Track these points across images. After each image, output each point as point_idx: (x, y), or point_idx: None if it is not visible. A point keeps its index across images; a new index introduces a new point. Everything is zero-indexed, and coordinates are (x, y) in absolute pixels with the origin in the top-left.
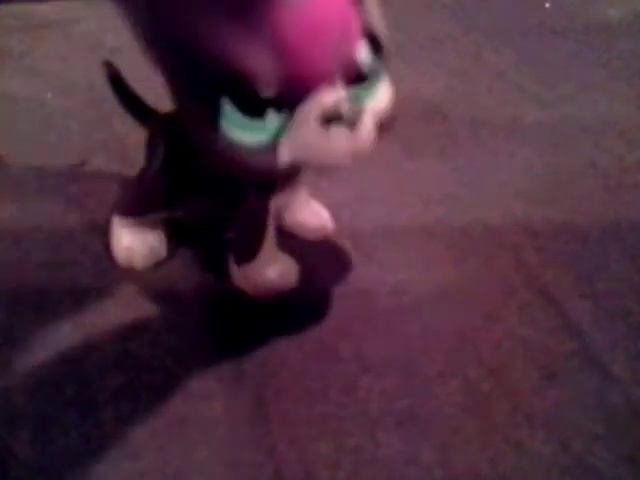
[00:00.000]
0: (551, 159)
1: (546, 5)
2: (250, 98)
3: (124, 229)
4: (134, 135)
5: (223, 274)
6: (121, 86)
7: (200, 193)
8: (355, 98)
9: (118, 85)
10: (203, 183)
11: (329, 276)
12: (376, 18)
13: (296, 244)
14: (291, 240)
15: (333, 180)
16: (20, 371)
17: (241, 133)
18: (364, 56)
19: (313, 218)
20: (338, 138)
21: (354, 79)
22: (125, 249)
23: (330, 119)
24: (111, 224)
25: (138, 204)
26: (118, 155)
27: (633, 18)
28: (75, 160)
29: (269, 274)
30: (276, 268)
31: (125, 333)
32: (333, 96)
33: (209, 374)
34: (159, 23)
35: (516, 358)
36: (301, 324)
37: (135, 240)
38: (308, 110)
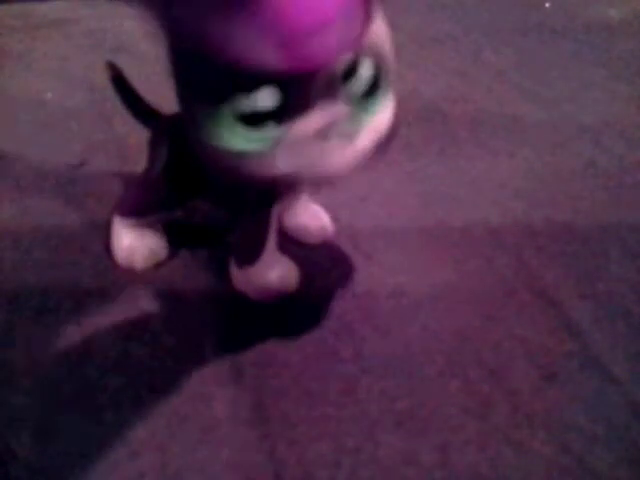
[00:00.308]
0: (551, 159)
1: (546, 5)
2: (250, 109)
3: (125, 229)
4: (134, 135)
5: (224, 275)
6: (124, 87)
7: (202, 195)
8: (355, 113)
9: (121, 86)
10: (205, 186)
11: (329, 277)
12: (384, 41)
13: (296, 245)
14: (291, 242)
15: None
16: (20, 371)
17: (238, 141)
18: (366, 71)
19: (313, 220)
20: (334, 151)
21: (356, 94)
22: (125, 249)
23: (327, 132)
24: (112, 224)
25: (139, 205)
26: (118, 155)
27: (633, 18)
28: (75, 160)
29: (270, 277)
30: (277, 271)
31: (125, 333)
32: (333, 110)
33: (209, 375)
34: (165, 20)
35: (516, 358)
36: (301, 325)
37: (135, 240)
38: (306, 121)
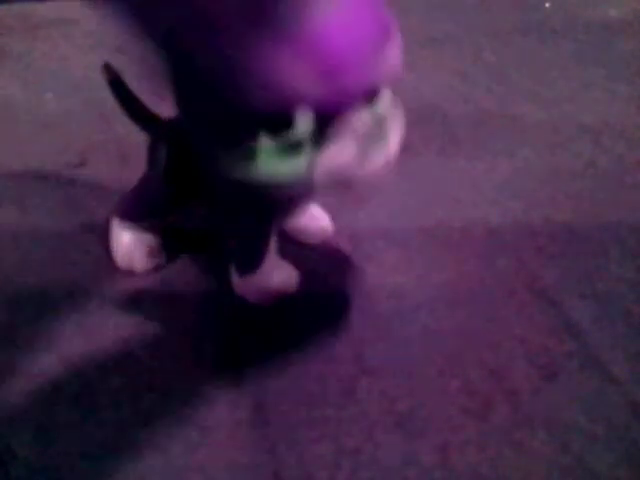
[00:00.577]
0: (551, 159)
1: (546, 5)
2: (287, 131)
3: (124, 232)
4: (134, 136)
5: (223, 277)
6: (122, 89)
7: (200, 199)
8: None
9: (118, 88)
10: (204, 190)
11: (329, 277)
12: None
13: (296, 246)
14: (291, 242)
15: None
16: (21, 372)
17: (279, 165)
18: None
19: (313, 221)
20: (374, 153)
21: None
22: (125, 252)
23: (364, 136)
24: (111, 227)
25: (139, 208)
26: (118, 156)
27: (633, 18)
28: (75, 160)
29: (270, 283)
30: (277, 276)
31: (125, 335)
32: (366, 114)
33: (209, 376)
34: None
35: (516, 358)
36: (300, 326)
37: (135, 244)
38: (344, 129)
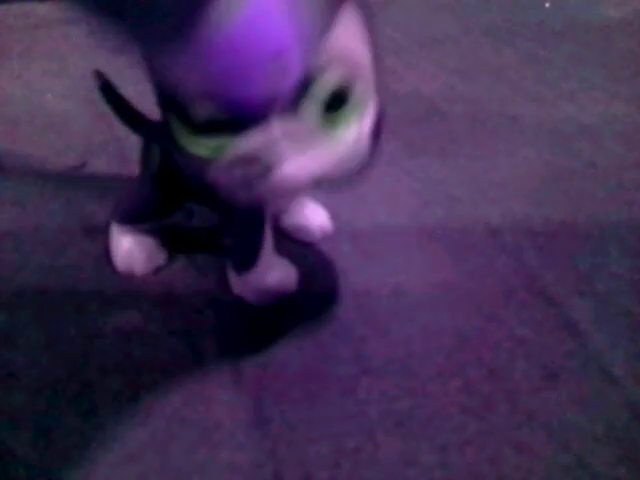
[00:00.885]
0: (551, 159)
1: (546, 5)
2: (193, 116)
3: (123, 235)
4: (134, 136)
5: (223, 277)
6: (112, 95)
7: (196, 199)
8: (316, 129)
9: (109, 94)
10: (196, 190)
11: (328, 277)
12: (353, 50)
13: (294, 244)
14: (289, 241)
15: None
16: (21, 373)
17: (197, 148)
18: (326, 84)
19: (311, 219)
20: (284, 166)
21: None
22: (124, 255)
23: (277, 146)
24: (110, 231)
25: (135, 211)
26: (118, 156)
27: (633, 18)
28: (75, 162)
29: (268, 281)
30: (275, 274)
31: (125, 336)
32: (287, 124)
33: (209, 376)
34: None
35: (516, 358)
36: (300, 325)
37: (134, 246)
38: (259, 134)
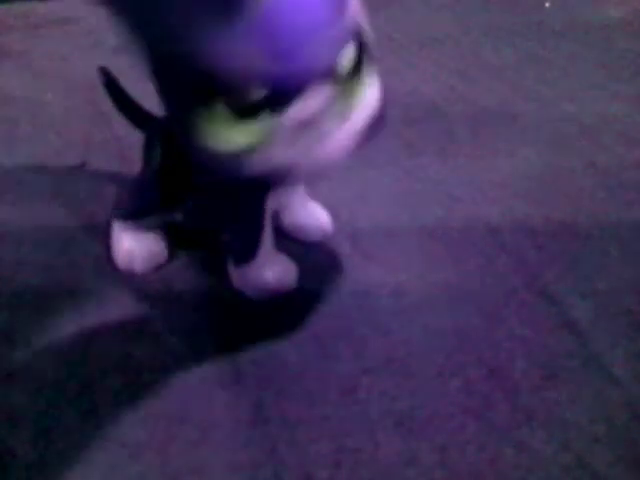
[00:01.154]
0: (551, 159)
1: (546, 5)
2: (242, 99)
3: (124, 232)
4: (134, 135)
5: (222, 276)
6: (117, 91)
7: (197, 195)
8: (344, 92)
9: (114, 90)
10: (199, 185)
11: (328, 276)
12: (360, 18)
13: (295, 244)
14: (289, 240)
15: (333, 179)
16: (21, 372)
17: (234, 137)
18: (349, 52)
19: (312, 218)
20: (329, 132)
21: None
22: (125, 253)
23: (320, 115)
24: (111, 227)
25: (136, 208)
26: (118, 156)
27: (633, 18)
28: (75, 161)
29: (267, 275)
30: (274, 269)
31: (125, 334)
32: (322, 93)
33: (209, 375)
34: (143, 26)
35: (516, 358)
36: (300, 325)
37: (135, 244)
38: (299, 108)
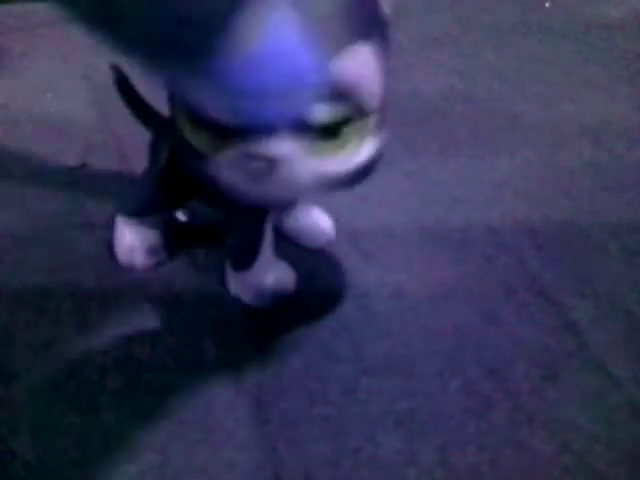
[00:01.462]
0: (551, 159)
1: (546, 5)
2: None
3: (126, 228)
4: (134, 136)
5: (222, 276)
6: (128, 90)
7: (200, 196)
8: (316, 148)
9: (125, 89)
10: (201, 187)
11: (328, 277)
12: (363, 78)
13: (295, 245)
14: (291, 243)
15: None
16: (20, 371)
17: (194, 139)
18: (331, 111)
19: (315, 224)
20: (281, 179)
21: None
22: (127, 248)
23: (235, 165)
24: (114, 224)
25: (140, 205)
26: (118, 156)
27: (633, 18)
28: (75, 162)
29: (265, 282)
30: (272, 276)
31: (125, 335)
32: (257, 145)
33: (209, 375)
34: None
35: (516, 358)
36: (300, 325)
37: (137, 239)
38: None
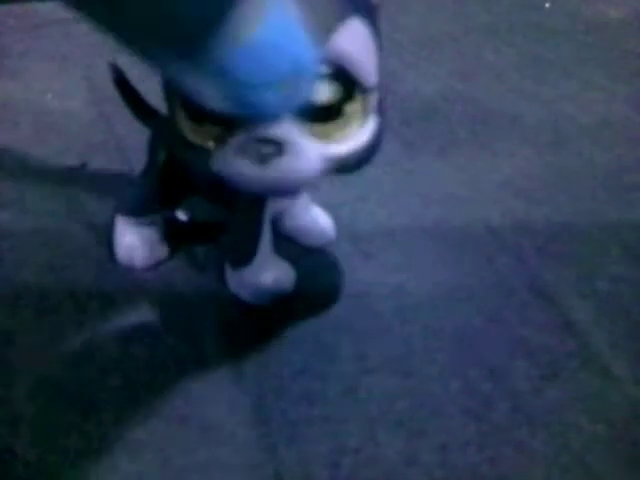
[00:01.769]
0: (551, 159)
1: (546, 5)
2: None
3: (126, 228)
4: (134, 136)
5: (222, 276)
6: (127, 89)
7: (199, 194)
8: (308, 133)
9: (124, 88)
10: (200, 184)
11: (328, 277)
12: (356, 60)
13: (295, 245)
14: (290, 242)
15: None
16: (20, 371)
17: (191, 135)
18: (323, 91)
19: (314, 223)
20: (276, 166)
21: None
22: (126, 247)
23: (242, 152)
24: (113, 222)
25: (140, 203)
26: (118, 156)
27: (633, 18)
28: (75, 162)
29: (264, 279)
30: (271, 273)
31: (125, 334)
32: (264, 129)
33: (209, 375)
34: None
35: (516, 358)
36: (300, 324)
37: (136, 239)
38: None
